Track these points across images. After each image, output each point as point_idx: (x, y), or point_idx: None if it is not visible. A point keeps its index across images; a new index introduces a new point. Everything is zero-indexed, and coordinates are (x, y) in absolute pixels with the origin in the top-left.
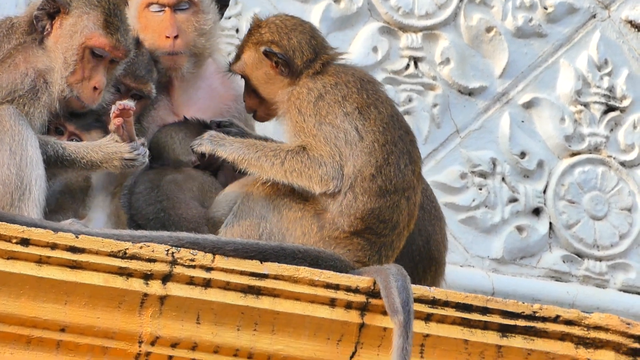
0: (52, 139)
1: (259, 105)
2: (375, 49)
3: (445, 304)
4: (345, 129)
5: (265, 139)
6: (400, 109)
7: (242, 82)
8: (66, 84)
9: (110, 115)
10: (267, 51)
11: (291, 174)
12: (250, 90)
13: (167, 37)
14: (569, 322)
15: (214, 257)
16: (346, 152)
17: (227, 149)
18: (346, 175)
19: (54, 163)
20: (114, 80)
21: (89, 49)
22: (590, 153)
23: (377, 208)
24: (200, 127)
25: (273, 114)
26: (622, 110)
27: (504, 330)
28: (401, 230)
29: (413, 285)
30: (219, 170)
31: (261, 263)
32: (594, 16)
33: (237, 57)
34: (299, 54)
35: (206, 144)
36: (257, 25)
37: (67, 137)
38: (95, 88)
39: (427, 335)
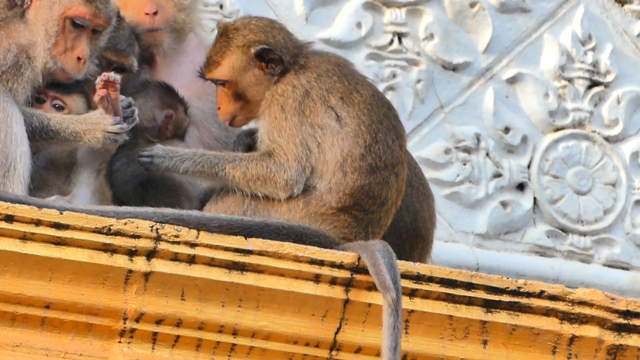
0: (38, 111)
1: (239, 111)
2: (359, 25)
3: (430, 279)
4: (325, 125)
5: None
6: (384, 85)
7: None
8: (49, 57)
9: (96, 86)
10: (263, 50)
11: (255, 183)
12: (232, 95)
13: (147, 13)
14: (553, 298)
15: (198, 233)
16: (326, 146)
17: (180, 166)
18: (332, 161)
19: (39, 135)
20: (99, 51)
21: (69, 19)
22: (575, 128)
23: (366, 184)
24: (161, 90)
25: (253, 117)
26: (606, 85)
27: (489, 305)
28: (389, 207)
29: (398, 261)
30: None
31: (245, 239)
32: None
33: (214, 64)
34: (285, 50)
35: (157, 162)
36: (232, 29)
37: (50, 103)
38: (79, 58)
39: (412, 311)
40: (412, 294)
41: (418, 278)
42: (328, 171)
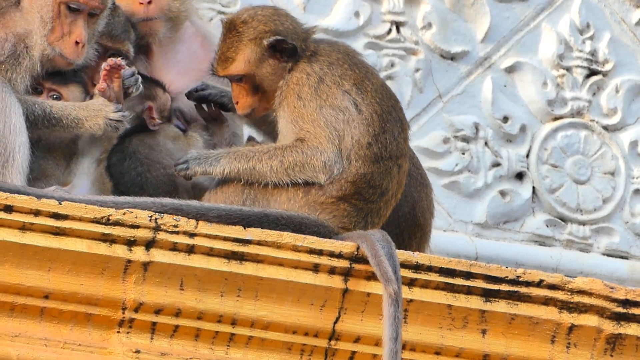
0: (39, 99)
1: (258, 102)
2: (357, 14)
3: (429, 269)
4: (345, 107)
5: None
6: (383, 74)
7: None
8: (47, 43)
9: (100, 74)
10: (277, 40)
11: (293, 169)
12: (249, 88)
13: (141, 3)
14: (552, 287)
15: (197, 223)
16: (345, 130)
17: (216, 167)
18: (344, 149)
19: (41, 122)
20: (97, 36)
21: (64, 4)
22: (573, 117)
23: (369, 173)
24: (147, 81)
25: (269, 107)
26: (605, 74)
27: (488, 295)
28: (389, 198)
29: (397, 250)
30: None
31: (244, 229)
32: None
33: (229, 60)
34: (296, 36)
35: (193, 166)
36: (239, 22)
37: (47, 94)
38: (77, 42)
39: (411, 301)
40: (411, 283)
41: (417, 267)
42: (343, 152)
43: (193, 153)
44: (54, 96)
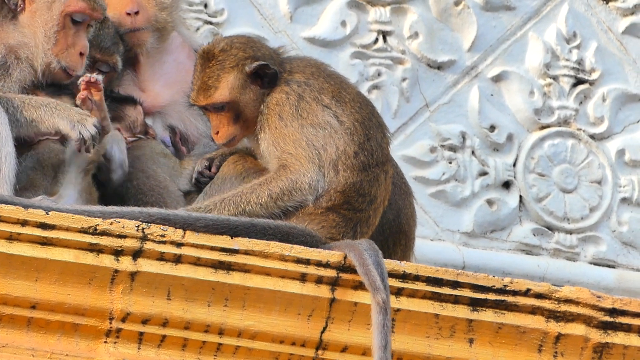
0: (17, 96)
1: (239, 130)
2: (343, 23)
3: (416, 278)
4: (326, 122)
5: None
6: (369, 84)
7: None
8: (52, 56)
9: (79, 86)
10: (260, 65)
11: (282, 199)
12: (231, 116)
13: (128, 13)
14: (539, 296)
15: (184, 233)
16: (326, 145)
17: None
18: (328, 159)
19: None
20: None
21: (69, 16)
22: (560, 126)
23: (358, 182)
24: (114, 101)
25: (249, 133)
26: (592, 83)
27: (475, 304)
28: (378, 206)
29: (384, 260)
30: None
31: (232, 238)
32: None
33: (211, 89)
34: (273, 61)
35: None
36: (218, 51)
37: None
38: (81, 54)
39: (398, 310)
40: (399, 292)
41: (404, 277)
42: (324, 169)
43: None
44: None
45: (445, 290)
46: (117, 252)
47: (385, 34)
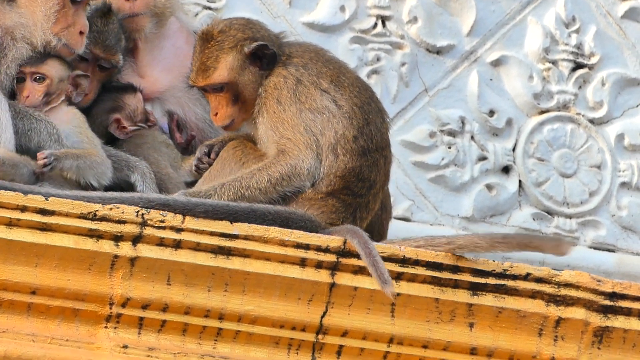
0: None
1: (238, 113)
2: (342, 8)
3: (416, 262)
4: (324, 107)
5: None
6: (368, 69)
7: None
8: (52, 35)
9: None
10: (259, 46)
11: (281, 184)
12: (230, 98)
13: None
14: (539, 280)
15: (184, 218)
16: (324, 129)
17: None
18: (326, 143)
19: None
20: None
21: None
22: (559, 111)
23: (357, 166)
24: (106, 96)
25: (248, 117)
26: (591, 67)
27: (475, 288)
28: (377, 191)
29: (383, 245)
30: None
31: (231, 224)
32: None
33: (210, 69)
34: (272, 43)
35: None
36: (216, 32)
37: (30, 79)
38: (81, 32)
39: (398, 295)
40: (398, 277)
41: (404, 262)
42: (322, 155)
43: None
44: (37, 77)
45: (445, 275)
46: (117, 238)
47: (384, 19)
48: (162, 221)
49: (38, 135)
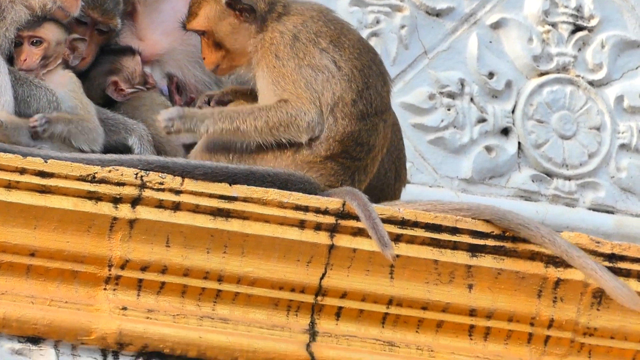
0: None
1: (222, 59)
2: None
3: (415, 224)
4: (324, 66)
5: None
6: (368, 31)
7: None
8: None
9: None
10: (230, 1)
11: (277, 130)
12: (212, 44)
13: None
14: None
15: (183, 181)
16: (325, 88)
17: (201, 127)
18: (324, 104)
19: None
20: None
21: None
22: (559, 73)
23: (356, 131)
24: (104, 59)
25: (237, 65)
26: (590, 29)
27: (474, 250)
28: (376, 154)
29: (382, 207)
30: None
31: (230, 186)
32: None
33: (193, 15)
34: None
35: (177, 124)
36: None
37: (28, 42)
38: None
39: (397, 256)
40: (397, 239)
41: (403, 223)
42: (324, 114)
43: (179, 110)
44: (34, 41)
45: (444, 237)
46: (116, 200)
47: None
48: (161, 183)
49: (37, 102)
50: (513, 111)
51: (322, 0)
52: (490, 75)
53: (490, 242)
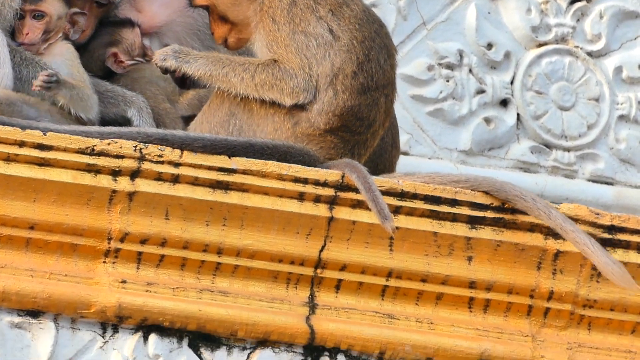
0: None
1: (229, 32)
2: None
3: (414, 196)
4: (318, 34)
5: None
6: (367, 2)
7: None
8: None
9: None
10: None
11: (262, 87)
12: (217, 18)
13: None
14: None
15: (182, 153)
16: (319, 57)
17: (192, 65)
18: (323, 75)
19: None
20: None
21: None
22: (557, 43)
23: (356, 105)
24: (103, 30)
25: (245, 38)
26: (588, 0)
27: (473, 222)
28: (377, 129)
29: (381, 179)
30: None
31: (229, 158)
32: None
33: None
34: None
35: (170, 59)
36: None
37: (30, 16)
38: None
39: (397, 228)
40: (396, 211)
41: (402, 195)
42: (320, 88)
43: (175, 47)
44: (36, 14)
45: (444, 209)
46: (115, 173)
47: None
48: (160, 156)
49: None
50: (512, 82)
51: None
52: (489, 46)
53: (489, 214)
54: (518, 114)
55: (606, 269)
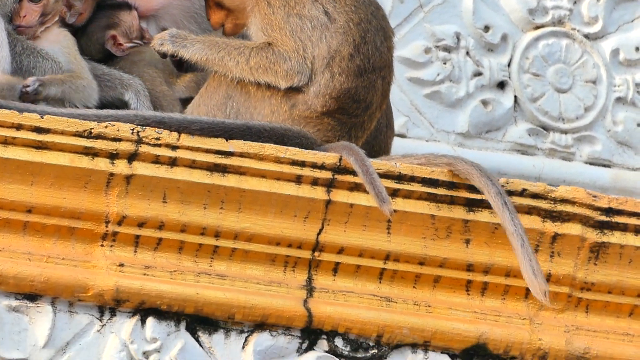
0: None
1: (225, 18)
2: None
3: (412, 179)
4: (313, 17)
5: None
6: None
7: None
8: None
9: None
10: None
11: (257, 70)
12: (214, 5)
13: None
14: (535, 196)
15: (179, 136)
16: (315, 40)
17: (189, 49)
18: (319, 57)
19: None
20: None
21: None
22: (554, 26)
23: (353, 87)
24: (101, 13)
25: (242, 23)
26: None
27: (471, 204)
28: (374, 111)
29: (379, 161)
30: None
31: (227, 141)
32: None
33: None
34: None
35: (167, 44)
36: None
37: None
38: None
39: (394, 211)
40: (394, 194)
41: (400, 178)
42: (316, 70)
43: (173, 31)
44: (34, 2)
45: (441, 191)
46: (112, 156)
47: None
48: (158, 139)
49: (42, 73)
50: (509, 65)
51: None
52: (486, 28)
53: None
54: (515, 97)
55: (525, 271)
